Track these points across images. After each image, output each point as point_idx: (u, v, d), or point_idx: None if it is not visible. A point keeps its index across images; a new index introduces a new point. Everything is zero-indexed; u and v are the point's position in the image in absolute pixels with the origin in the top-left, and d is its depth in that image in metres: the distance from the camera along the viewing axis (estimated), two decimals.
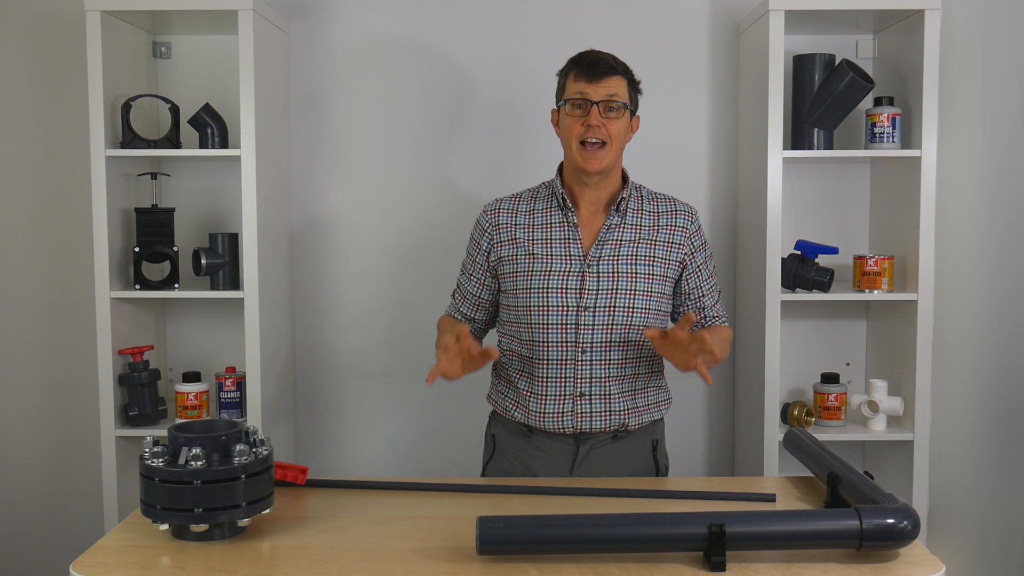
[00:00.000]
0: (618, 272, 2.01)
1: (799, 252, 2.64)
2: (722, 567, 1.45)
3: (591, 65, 1.97)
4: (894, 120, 2.58)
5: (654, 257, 2.04)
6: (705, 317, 2.13)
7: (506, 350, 2.12)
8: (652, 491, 1.86)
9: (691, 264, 2.09)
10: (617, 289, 2.00)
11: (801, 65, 2.66)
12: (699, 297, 2.11)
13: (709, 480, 2.07)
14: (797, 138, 2.67)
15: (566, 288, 2.00)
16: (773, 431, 2.57)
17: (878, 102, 2.62)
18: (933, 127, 2.53)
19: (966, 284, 2.59)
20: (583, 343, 2.00)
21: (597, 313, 1.99)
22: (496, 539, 1.47)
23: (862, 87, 2.56)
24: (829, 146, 2.65)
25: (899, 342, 2.68)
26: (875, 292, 2.60)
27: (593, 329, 2.00)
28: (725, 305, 2.23)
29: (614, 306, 1.99)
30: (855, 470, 1.71)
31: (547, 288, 2.00)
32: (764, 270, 2.56)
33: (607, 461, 2.06)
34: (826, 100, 2.60)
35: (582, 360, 2.01)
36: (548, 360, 2.02)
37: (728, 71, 2.86)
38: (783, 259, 2.60)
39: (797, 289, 2.63)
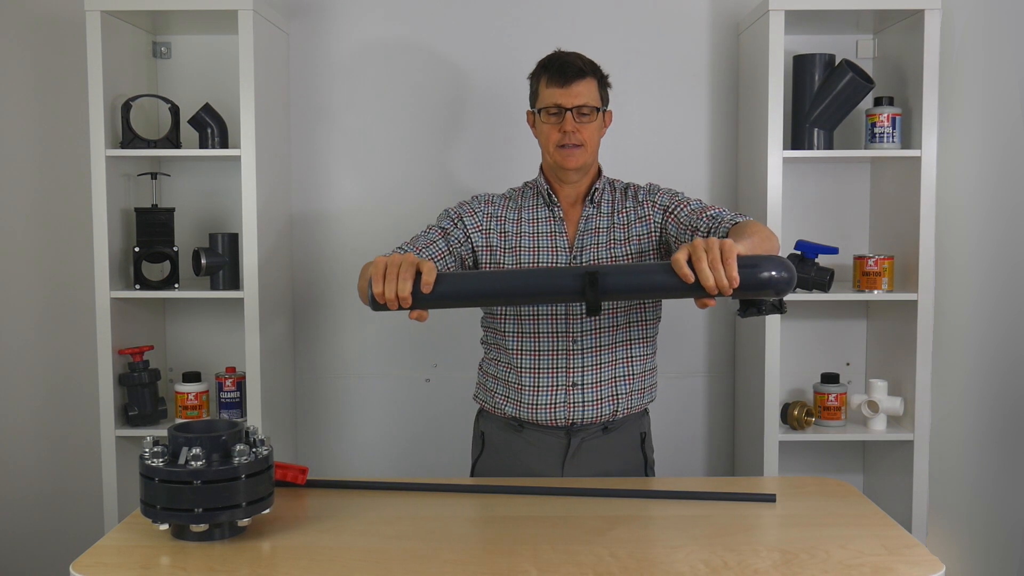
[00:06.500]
0: (599, 260, 2.03)
1: (799, 252, 2.64)
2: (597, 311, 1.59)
3: (560, 70, 1.99)
4: (894, 120, 2.58)
5: (629, 238, 2.05)
6: (722, 222, 1.93)
7: (491, 344, 2.13)
8: (651, 491, 1.86)
9: (670, 207, 2.03)
10: None
11: (801, 65, 2.66)
12: (699, 214, 1.96)
13: (709, 480, 2.06)
14: (797, 138, 2.67)
15: None
16: (773, 431, 2.57)
17: (878, 102, 2.62)
18: (933, 127, 2.53)
19: (966, 284, 2.59)
20: (574, 332, 2.02)
21: None
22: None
23: (862, 87, 2.56)
24: (829, 146, 2.65)
25: (899, 342, 2.67)
26: (875, 292, 2.60)
27: (583, 317, 2.02)
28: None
29: None
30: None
31: None
32: None
33: (598, 454, 2.07)
34: (826, 100, 2.60)
35: (574, 349, 2.03)
36: (539, 351, 2.04)
37: (728, 71, 2.86)
38: None
39: (797, 289, 2.63)
